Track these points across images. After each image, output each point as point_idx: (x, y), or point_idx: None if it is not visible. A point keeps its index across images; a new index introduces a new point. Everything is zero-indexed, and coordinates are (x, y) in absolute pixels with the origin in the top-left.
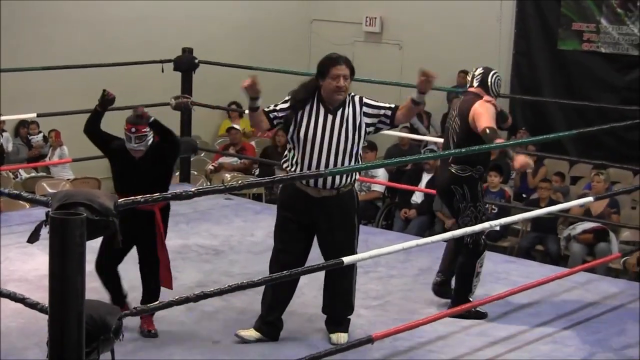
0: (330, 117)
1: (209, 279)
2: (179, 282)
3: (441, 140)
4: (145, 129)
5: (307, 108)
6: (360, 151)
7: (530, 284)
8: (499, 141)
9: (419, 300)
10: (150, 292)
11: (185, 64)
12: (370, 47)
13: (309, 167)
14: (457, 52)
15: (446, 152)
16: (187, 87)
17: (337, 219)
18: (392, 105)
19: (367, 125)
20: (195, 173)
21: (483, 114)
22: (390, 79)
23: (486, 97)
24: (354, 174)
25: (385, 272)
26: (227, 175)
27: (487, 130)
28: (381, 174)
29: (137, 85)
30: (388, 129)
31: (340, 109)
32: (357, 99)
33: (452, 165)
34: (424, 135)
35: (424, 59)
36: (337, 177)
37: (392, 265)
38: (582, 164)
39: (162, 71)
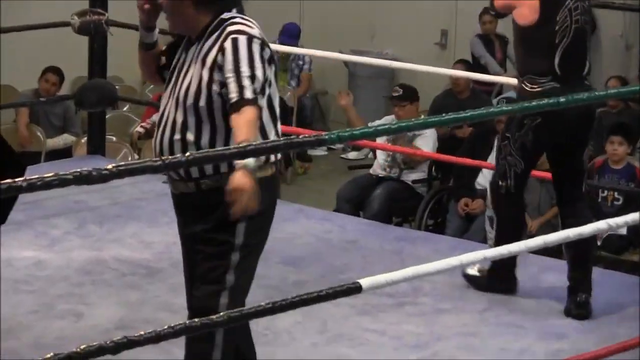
0: (189, 51)
1: (138, 316)
2: (88, 321)
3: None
4: None
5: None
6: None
7: None
8: None
9: (488, 352)
10: None
11: None
12: None
13: (156, 134)
14: None
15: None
16: None
17: (199, 232)
18: None
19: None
20: (114, 139)
21: None
22: None
23: None
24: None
25: (432, 305)
26: None
27: None
28: (426, 140)
29: None
30: None
31: (201, 40)
32: (230, 28)
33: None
34: (497, 74)
35: None
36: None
37: (444, 294)
38: None
39: None
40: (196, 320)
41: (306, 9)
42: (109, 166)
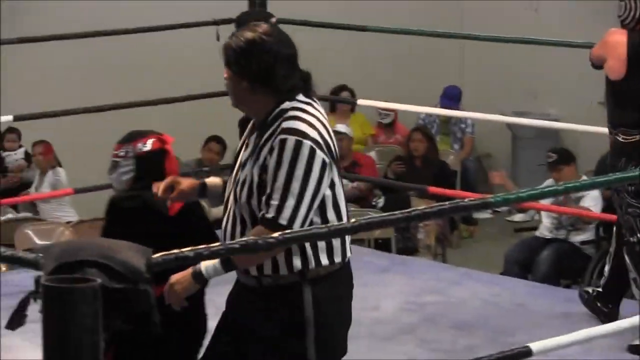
0: (252, 136)
1: None
2: None
3: None
4: (119, 151)
5: None
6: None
7: None
8: None
9: None
10: None
11: None
12: None
13: (223, 222)
14: None
15: None
16: None
17: (257, 331)
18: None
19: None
20: None
21: None
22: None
23: None
24: (303, 257)
25: None
26: None
27: None
28: (592, 200)
29: (179, 65)
30: None
31: (259, 130)
32: (284, 124)
33: None
34: None
35: None
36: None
37: (617, 356)
38: None
39: (218, 39)
40: None
41: (467, 71)
42: (275, 234)
